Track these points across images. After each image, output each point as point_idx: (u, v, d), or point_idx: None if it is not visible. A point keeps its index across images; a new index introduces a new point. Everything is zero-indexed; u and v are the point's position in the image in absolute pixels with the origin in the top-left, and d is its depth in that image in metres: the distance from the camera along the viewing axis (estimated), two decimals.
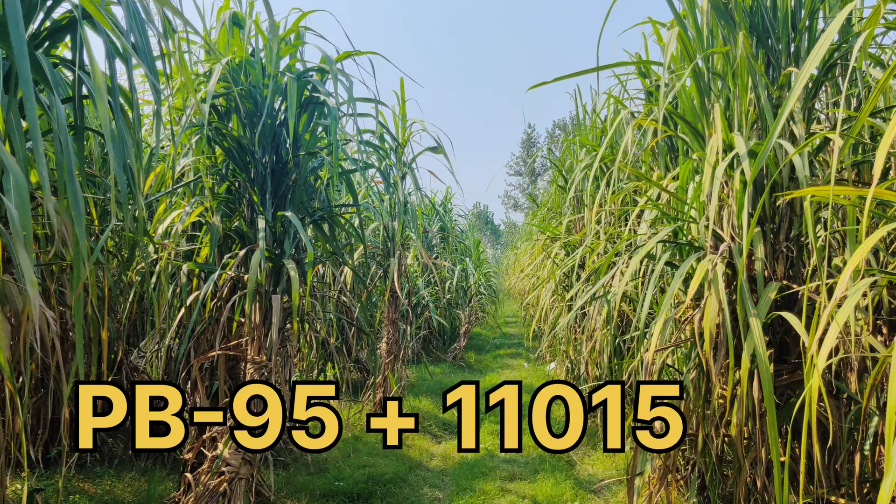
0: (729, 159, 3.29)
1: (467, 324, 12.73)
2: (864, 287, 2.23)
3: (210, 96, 3.49)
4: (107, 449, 5.46)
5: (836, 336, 2.18)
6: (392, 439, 3.31)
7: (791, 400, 3.35)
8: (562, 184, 8.81)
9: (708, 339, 3.12)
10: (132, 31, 2.72)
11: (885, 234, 2.96)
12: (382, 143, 6.37)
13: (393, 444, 3.25)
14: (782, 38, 3.53)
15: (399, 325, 7.41)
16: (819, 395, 3.30)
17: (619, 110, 6.80)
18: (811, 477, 3.24)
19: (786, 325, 3.44)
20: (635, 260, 3.49)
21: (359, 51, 4.20)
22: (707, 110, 3.67)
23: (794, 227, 3.47)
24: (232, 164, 4.23)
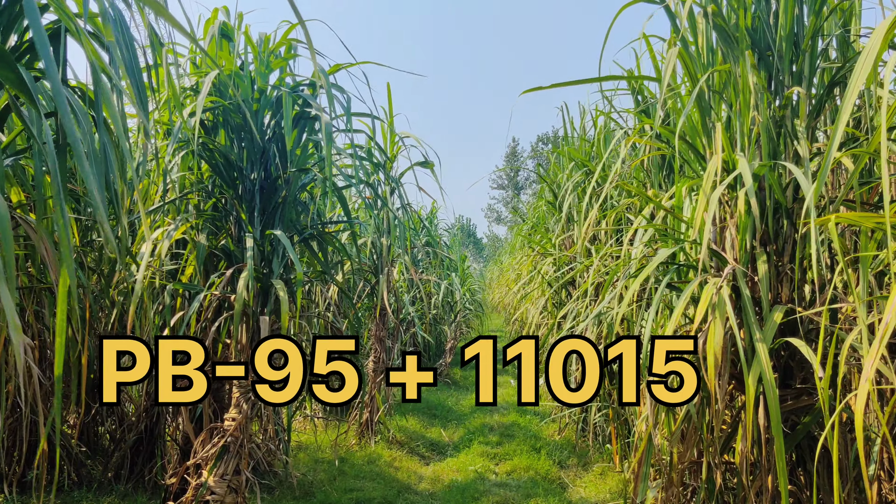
0: (729, 179, 3.21)
1: (453, 339, 12.60)
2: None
3: (199, 110, 3.37)
4: (85, 472, 5.28)
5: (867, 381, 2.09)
6: (411, 393, 3.28)
7: (798, 427, 3.26)
8: (550, 199, 8.73)
9: (712, 363, 3.03)
10: (118, 44, 2.59)
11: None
12: (371, 157, 6.26)
13: (412, 398, 3.29)
14: (785, 57, 3.46)
15: (385, 343, 7.27)
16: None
17: (609, 124, 6.75)
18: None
19: (791, 348, 3.35)
20: (637, 281, 3.39)
21: (351, 62, 4.10)
22: (708, 129, 3.59)
23: (799, 248, 3.39)
24: (219, 180, 4.10)
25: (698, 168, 3.78)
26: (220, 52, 4.06)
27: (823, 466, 3.21)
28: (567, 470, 6.18)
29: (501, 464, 6.43)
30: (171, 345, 3.04)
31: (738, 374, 3.53)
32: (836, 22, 3.76)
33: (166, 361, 2.99)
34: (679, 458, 3.72)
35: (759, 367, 2.91)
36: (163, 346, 3.00)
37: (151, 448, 5.17)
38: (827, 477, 3.18)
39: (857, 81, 2.56)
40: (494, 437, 7.44)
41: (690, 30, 3.67)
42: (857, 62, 2.58)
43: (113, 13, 2.65)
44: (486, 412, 8.82)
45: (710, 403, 3.39)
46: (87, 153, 2.37)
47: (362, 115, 4.27)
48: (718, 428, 3.37)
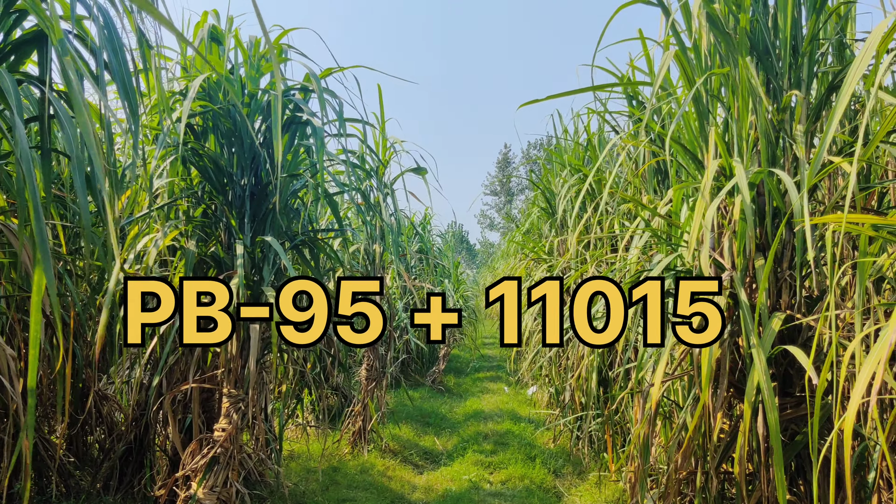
0: (729, 187, 3.16)
1: (446, 346, 12.52)
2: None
3: (186, 115, 3.30)
4: (73, 483, 5.19)
5: (864, 389, 2.04)
6: (435, 334, 3.28)
7: (797, 438, 3.20)
8: (543, 205, 8.68)
9: (706, 371, 2.98)
10: (105, 47, 2.53)
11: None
12: (363, 163, 6.20)
13: (436, 339, 3.36)
14: (784, 60, 3.42)
15: (379, 351, 7.20)
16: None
17: (603, 126, 6.71)
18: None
19: (790, 355, 3.30)
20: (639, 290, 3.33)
21: (342, 66, 4.04)
22: (706, 133, 3.54)
23: (798, 254, 3.34)
24: (209, 186, 4.03)
25: (695, 173, 3.74)
26: (209, 55, 4.00)
27: (824, 476, 3.16)
28: (562, 479, 6.11)
29: (496, 473, 6.36)
30: (195, 286, 3.04)
31: (736, 381, 3.48)
32: (832, 26, 3.73)
33: (191, 302, 2.99)
34: (676, 467, 3.66)
35: (757, 376, 2.86)
36: (188, 287, 3.00)
37: (141, 458, 5.08)
38: (827, 487, 3.13)
39: (851, 82, 2.53)
40: (489, 445, 7.37)
41: (687, 31, 3.62)
42: (852, 64, 2.55)
43: (102, 17, 2.59)
44: (481, 420, 8.75)
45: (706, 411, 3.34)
46: (72, 158, 2.31)
47: (354, 120, 4.21)
48: (715, 437, 3.32)
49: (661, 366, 3.16)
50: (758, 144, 3.50)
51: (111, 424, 5.43)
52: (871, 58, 2.52)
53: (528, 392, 10.28)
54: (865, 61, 2.50)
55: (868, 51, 2.47)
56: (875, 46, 2.42)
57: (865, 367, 2.17)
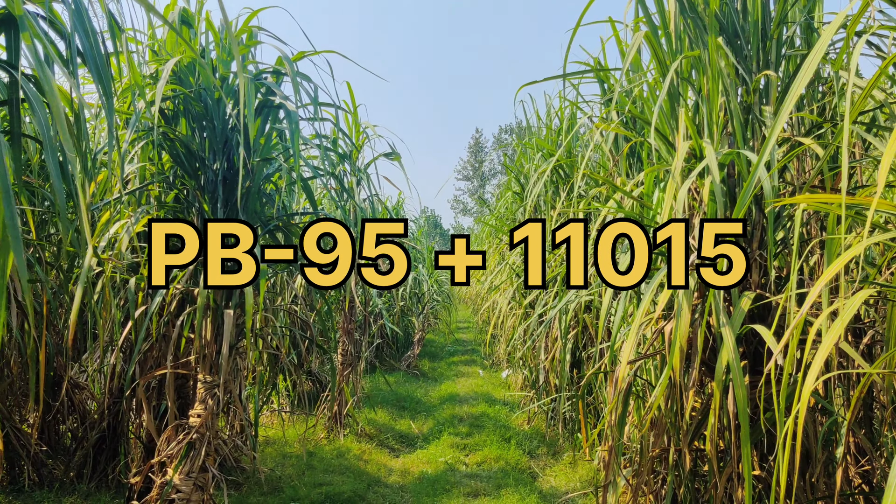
0: (699, 168, 3.20)
1: (421, 331, 12.56)
2: (858, 303, 2.13)
3: (159, 98, 3.26)
4: (46, 472, 5.15)
5: (823, 362, 2.09)
6: (460, 276, 3.30)
7: (767, 414, 3.27)
8: (517, 189, 8.72)
9: (678, 350, 3.02)
10: (76, 30, 2.49)
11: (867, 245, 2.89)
12: (335, 147, 6.17)
13: (461, 281, 3.36)
14: (753, 43, 3.47)
15: (354, 336, 7.20)
16: None
17: (576, 112, 6.74)
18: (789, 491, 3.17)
19: (759, 334, 3.36)
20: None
21: (315, 50, 4.01)
22: (677, 114, 3.58)
23: (768, 234, 3.40)
24: (180, 170, 3.99)
25: (666, 155, 3.78)
26: (180, 38, 3.95)
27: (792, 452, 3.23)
28: (537, 459, 6.18)
29: (472, 455, 6.41)
30: (219, 228, 3.04)
31: (707, 360, 3.54)
32: (800, 9, 3.78)
33: (215, 244, 2.99)
34: (649, 445, 3.72)
35: (727, 355, 2.92)
36: (212, 230, 3.00)
37: (115, 446, 5.05)
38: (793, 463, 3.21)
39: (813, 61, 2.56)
40: (464, 427, 7.42)
41: (658, 14, 3.65)
42: (815, 45, 2.58)
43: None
44: (456, 403, 8.80)
45: (680, 391, 3.40)
46: (44, 142, 2.28)
47: (328, 104, 4.19)
48: (688, 415, 3.38)
49: (630, 343, 3.20)
50: (727, 126, 3.54)
51: (84, 413, 5.39)
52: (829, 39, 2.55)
53: (502, 375, 10.35)
54: (825, 42, 2.53)
55: (830, 32, 2.50)
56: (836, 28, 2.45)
57: (825, 339, 2.22)
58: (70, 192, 2.54)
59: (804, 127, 3.71)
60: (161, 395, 4.54)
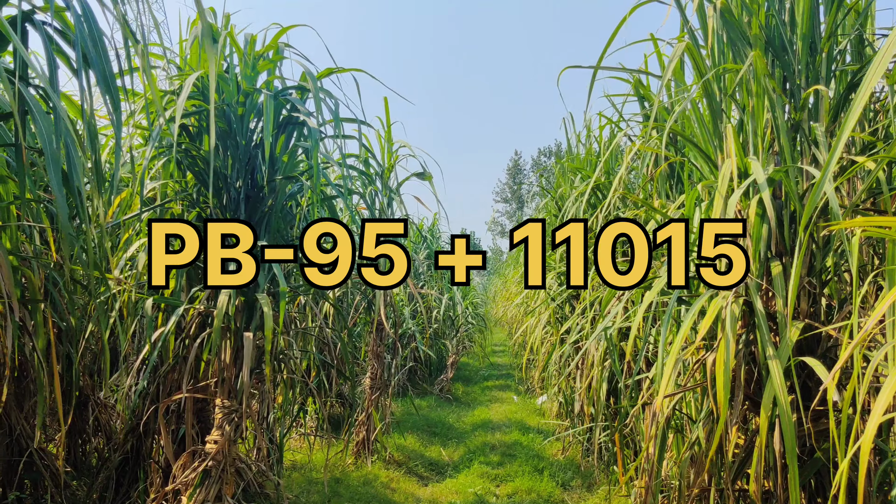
0: (744, 187, 3.00)
1: (455, 354, 12.36)
2: None
3: (179, 115, 3.16)
4: (69, 493, 5.06)
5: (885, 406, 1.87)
6: (460, 276, 3.28)
7: (816, 455, 3.03)
8: (554, 210, 8.52)
9: (722, 384, 2.81)
10: (83, 39, 2.39)
11: None
12: (367, 168, 6.05)
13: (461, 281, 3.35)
14: (802, 58, 3.26)
15: (384, 359, 7.04)
16: None
17: (615, 132, 6.55)
18: None
19: (808, 367, 3.13)
20: (651, 294, 3.18)
21: (342, 68, 3.90)
22: (720, 132, 3.38)
23: (818, 260, 3.17)
24: (203, 188, 3.90)
25: (709, 174, 3.58)
26: (204, 54, 3.87)
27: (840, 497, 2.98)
28: (571, 492, 5.93)
29: (502, 485, 6.18)
30: (219, 228, 3.02)
31: (751, 394, 3.31)
32: (852, 22, 3.57)
33: (215, 244, 2.97)
34: (688, 484, 3.49)
35: (774, 389, 2.70)
36: (212, 230, 2.99)
37: (137, 469, 4.95)
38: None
39: (873, 77, 2.37)
40: (496, 456, 7.20)
41: (702, 30, 3.47)
42: (874, 59, 2.39)
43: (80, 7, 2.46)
44: (488, 430, 8.58)
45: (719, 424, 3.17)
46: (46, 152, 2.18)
47: (352, 120, 4.06)
48: (730, 453, 3.14)
49: (668, 375, 3.00)
50: (773, 145, 3.33)
51: (109, 433, 5.31)
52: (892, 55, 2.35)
53: (537, 401, 10.09)
54: (888, 57, 2.33)
55: (891, 47, 2.30)
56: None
57: (889, 381, 2.01)
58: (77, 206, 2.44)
59: (855, 148, 3.49)
60: (181, 419, 4.43)
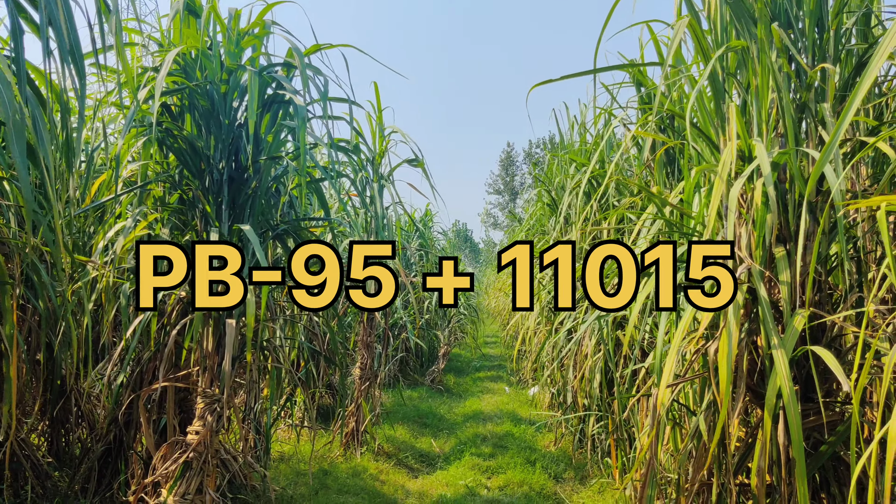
0: (750, 170, 2.88)
1: (446, 345, 12.23)
2: None
3: (159, 92, 3.01)
4: (51, 484, 4.92)
5: None
6: (447, 298, 3.26)
7: (821, 448, 2.91)
8: (547, 201, 8.40)
9: (724, 374, 2.69)
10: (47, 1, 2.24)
11: None
12: (357, 153, 5.90)
13: (448, 303, 3.34)
14: (808, 35, 3.13)
15: (374, 349, 6.91)
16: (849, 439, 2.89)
17: (611, 120, 6.42)
18: None
19: (813, 357, 3.01)
20: (652, 282, 3.06)
21: (330, 44, 3.75)
22: (722, 114, 3.25)
23: (823, 247, 3.05)
24: (185, 170, 3.75)
25: (710, 158, 3.45)
26: (186, 29, 3.71)
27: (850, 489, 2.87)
28: (563, 484, 5.82)
29: (494, 478, 6.07)
30: (207, 250, 3.01)
31: (754, 385, 3.19)
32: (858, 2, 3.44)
33: (203, 266, 2.97)
34: (687, 478, 3.38)
35: (778, 380, 2.58)
36: (200, 252, 2.98)
37: (119, 460, 4.82)
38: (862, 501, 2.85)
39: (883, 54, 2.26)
40: (487, 448, 7.08)
41: (705, 10, 3.34)
42: (885, 36, 2.27)
43: None
44: (480, 421, 8.46)
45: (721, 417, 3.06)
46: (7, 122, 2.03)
47: (341, 100, 3.91)
48: (732, 446, 3.03)
49: (669, 366, 2.88)
50: (778, 126, 3.21)
51: (92, 423, 5.17)
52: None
53: (529, 392, 9.99)
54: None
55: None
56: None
57: None
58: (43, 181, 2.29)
59: (859, 132, 3.37)
60: (163, 409, 4.29)
